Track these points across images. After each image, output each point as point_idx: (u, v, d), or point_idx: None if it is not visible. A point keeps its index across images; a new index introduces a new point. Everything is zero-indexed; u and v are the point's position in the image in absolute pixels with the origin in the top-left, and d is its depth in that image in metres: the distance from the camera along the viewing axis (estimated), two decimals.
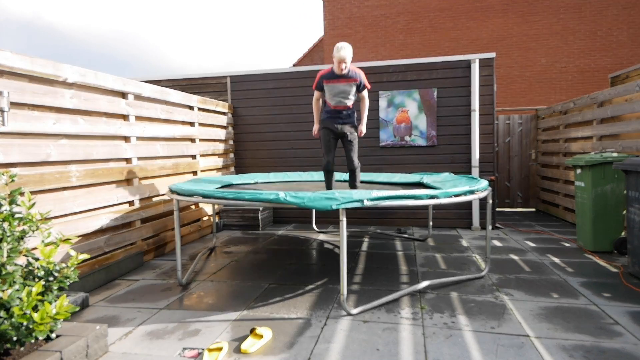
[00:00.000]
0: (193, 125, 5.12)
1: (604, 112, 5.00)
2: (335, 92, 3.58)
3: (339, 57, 3.39)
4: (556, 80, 11.09)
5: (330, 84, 3.56)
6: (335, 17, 12.64)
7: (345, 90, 3.56)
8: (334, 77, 3.54)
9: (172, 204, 4.53)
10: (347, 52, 3.41)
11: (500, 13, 11.34)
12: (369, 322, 2.60)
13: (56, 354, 1.93)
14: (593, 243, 4.23)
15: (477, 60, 5.47)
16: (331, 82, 3.56)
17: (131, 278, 3.63)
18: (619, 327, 2.49)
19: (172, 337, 2.47)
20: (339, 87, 3.55)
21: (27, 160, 2.80)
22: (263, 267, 3.89)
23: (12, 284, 1.83)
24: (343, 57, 3.39)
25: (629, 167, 3.41)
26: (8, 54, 2.67)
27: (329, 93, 3.61)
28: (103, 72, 3.55)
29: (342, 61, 3.41)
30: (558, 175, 6.21)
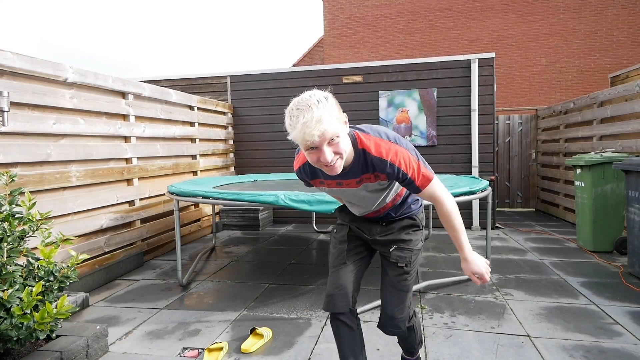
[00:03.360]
0: (193, 125, 5.12)
1: (604, 112, 4.99)
2: (347, 198, 1.68)
3: (304, 137, 1.27)
4: (556, 80, 11.09)
5: (328, 188, 1.63)
6: (335, 17, 12.64)
7: (366, 197, 1.60)
8: (327, 176, 1.53)
9: (172, 204, 4.53)
10: (319, 122, 1.25)
11: (500, 13, 11.34)
12: (369, 322, 2.60)
13: (56, 354, 1.93)
14: (593, 243, 4.23)
15: (477, 60, 5.47)
16: (329, 185, 1.60)
17: (131, 278, 3.63)
18: (619, 327, 2.49)
19: (172, 337, 2.47)
20: (349, 192, 1.60)
21: (27, 160, 2.80)
22: (263, 267, 3.89)
23: (12, 284, 1.83)
24: (312, 136, 1.26)
25: (629, 167, 3.41)
26: (9, 54, 2.67)
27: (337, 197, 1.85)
28: (103, 73, 3.55)
29: (317, 143, 1.28)
30: (558, 175, 6.21)
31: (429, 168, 1.47)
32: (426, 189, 1.46)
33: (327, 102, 1.28)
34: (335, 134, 1.28)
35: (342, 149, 1.32)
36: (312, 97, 1.27)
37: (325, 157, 1.29)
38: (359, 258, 1.75)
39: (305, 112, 1.24)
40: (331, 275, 1.70)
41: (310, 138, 1.24)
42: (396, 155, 1.40)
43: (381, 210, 1.67)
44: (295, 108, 1.27)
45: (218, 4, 66.14)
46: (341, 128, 1.31)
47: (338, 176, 1.48)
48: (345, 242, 1.75)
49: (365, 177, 1.48)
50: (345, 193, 1.62)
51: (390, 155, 1.40)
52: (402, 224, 1.70)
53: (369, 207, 1.65)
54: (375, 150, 1.41)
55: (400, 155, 1.41)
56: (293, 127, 1.26)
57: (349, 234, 1.78)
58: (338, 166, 1.35)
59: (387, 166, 1.41)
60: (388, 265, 1.70)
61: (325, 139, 1.26)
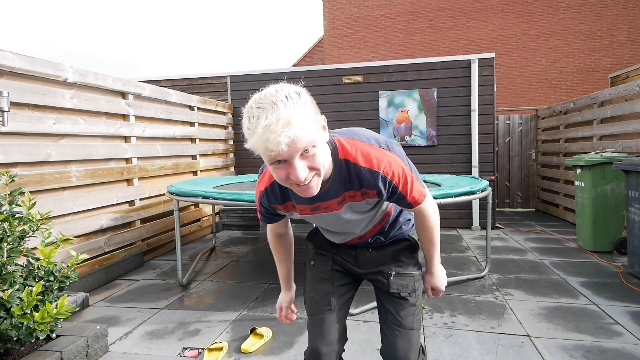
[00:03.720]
0: (193, 125, 5.12)
1: (604, 112, 4.99)
2: (326, 225, 1.35)
3: (266, 145, 0.91)
4: (556, 80, 11.09)
5: (301, 215, 1.29)
6: (335, 17, 12.64)
7: (351, 221, 1.28)
8: (302, 200, 1.20)
9: (172, 204, 4.53)
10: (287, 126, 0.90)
11: (500, 13, 11.34)
12: (369, 322, 2.60)
13: (56, 354, 1.93)
14: (593, 243, 4.23)
15: (477, 60, 5.47)
16: (301, 212, 1.26)
17: (131, 278, 3.63)
18: (619, 327, 2.49)
19: (172, 337, 2.47)
20: (329, 218, 1.27)
21: (27, 160, 2.80)
22: (263, 267, 3.89)
23: (13, 284, 1.83)
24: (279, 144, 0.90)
25: (629, 167, 3.41)
26: (8, 54, 2.67)
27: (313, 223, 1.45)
28: (103, 73, 3.55)
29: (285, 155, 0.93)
30: (558, 175, 6.21)
31: (421, 180, 1.24)
32: (419, 206, 1.21)
33: (299, 99, 0.93)
34: (310, 142, 0.93)
35: (319, 163, 0.98)
36: (279, 92, 0.93)
37: (297, 175, 0.95)
38: (346, 300, 1.43)
39: (269, 111, 0.89)
40: (313, 324, 1.36)
41: (275, 147, 0.89)
42: (390, 166, 1.11)
43: (367, 234, 1.36)
44: (255, 106, 0.92)
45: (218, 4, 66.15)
46: (318, 134, 0.97)
47: (313, 198, 1.15)
48: (329, 281, 1.40)
49: (349, 196, 1.17)
50: (325, 219, 1.27)
51: (383, 166, 1.10)
52: (395, 248, 1.41)
53: (353, 232, 1.34)
54: (364, 159, 1.10)
55: (394, 166, 1.12)
56: (252, 131, 0.91)
57: (334, 269, 1.43)
58: (314, 185, 1.01)
59: (379, 180, 1.10)
60: (387, 299, 1.37)
61: (296, 149, 0.92)
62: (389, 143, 1.19)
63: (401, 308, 1.34)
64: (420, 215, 1.28)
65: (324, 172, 1.03)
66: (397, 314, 1.34)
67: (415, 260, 1.43)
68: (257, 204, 1.28)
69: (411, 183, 1.16)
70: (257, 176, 1.28)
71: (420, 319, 1.38)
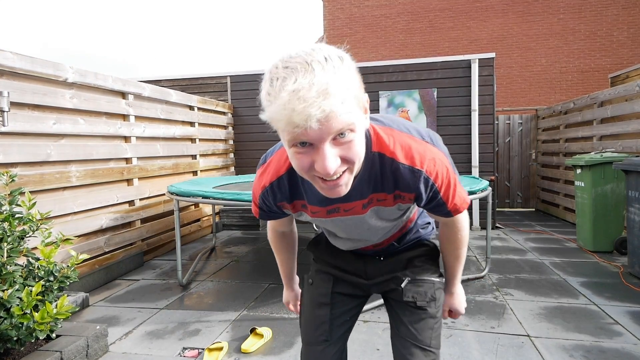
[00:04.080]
0: (193, 125, 5.12)
1: (604, 112, 4.99)
2: (342, 232, 1.09)
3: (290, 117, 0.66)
4: (556, 80, 11.09)
5: (313, 217, 1.01)
6: (335, 17, 12.64)
7: (373, 228, 1.04)
8: (317, 200, 0.94)
9: (172, 204, 4.53)
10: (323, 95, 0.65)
11: (500, 13, 11.34)
12: (369, 322, 2.60)
13: (56, 354, 1.93)
14: (593, 243, 4.23)
15: (477, 60, 5.47)
16: (314, 214, 0.99)
17: (131, 278, 3.63)
18: (619, 327, 2.49)
19: (172, 337, 2.47)
20: (348, 223, 1.02)
21: (27, 160, 2.80)
22: (263, 267, 3.89)
23: (12, 284, 1.83)
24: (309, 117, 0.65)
25: (629, 167, 3.41)
26: (8, 54, 2.67)
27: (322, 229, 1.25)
28: (103, 73, 3.55)
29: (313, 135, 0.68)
30: (558, 175, 6.21)
31: (462, 184, 1.01)
32: (458, 216, 1.01)
33: (341, 65, 0.70)
34: (349, 124, 0.70)
35: (355, 154, 0.75)
36: (317, 51, 0.69)
37: (326, 165, 0.71)
38: (347, 328, 1.20)
39: (300, 73, 0.66)
40: (308, 356, 1.18)
41: (303, 121, 0.65)
42: (434, 165, 0.88)
43: (384, 242, 1.14)
44: (282, 66, 0.69)
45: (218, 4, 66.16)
46: (360, 116, 0.74)
47: (333, 199, 0.90)
48: (327, 307, 1.17)
49: (377, 199, 0.93)
50: (341, 225, 1.02)
51: (427, 164, 0.87)
52: (410, 254, 1.17)
53: (369, 240, 1.11)
54: (405, 154, 0.87)
55: (439, 165, 0.89)
56: (274, 97, 0.68)
57: (336, 291, 1.19)
58: (344, 184, 0.78)
59: (421, 181, 0.88)
60: (401, 309, 1.13)
61: (330, 128, 0.68)
62: (433, 136, 0.93)
63: (417, 319, 1.09)
64: (452, 227, 1.06)
65: (358, 167, 0.79)
66: (412, 325, 1.08)
67: (435, 266, 1.20)
68: (254, 200, 1.02)
69: (454, 187, 0.94)
70: (257, 167, 1.00)
71: (439, 336, 1.11)
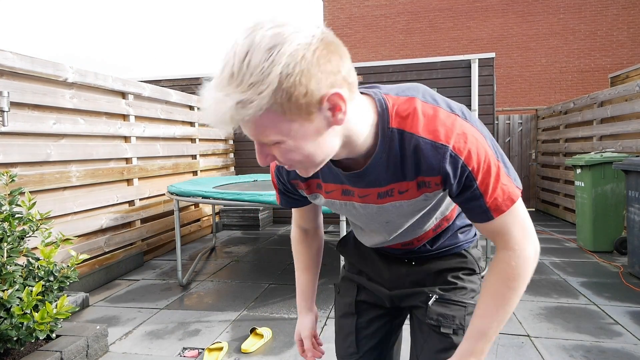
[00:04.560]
0: (193, 125, 5.12)
1: (604, 112, 4.99)
2: (359, 221, 0.96)
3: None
4: (556, 80, 11.09)
5: (327, 199, 0.89)
6: (335, 17, 12.64)
7: (392, 222, 0.89)
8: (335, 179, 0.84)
9: (172, 204, 4.53)
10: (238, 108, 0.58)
11: (500, 13, 11.34)
12: None
13: (56, 354, 1.93)
14: (593, 243, 4.22)
15: (477, 60, 5.47)
16: (329, 194, 0.87)
17: (131, 278, 3.63)
18: (619, 327, 2.49)
19: (172, 337, 2.47)
20: (362, 213, 0.88)
21: (27, 160, 2.80)
22: (263, 267, 3.89)
23: (12, 284, 1.83)
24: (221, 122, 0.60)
25: (629, 167, 3.41)
26: (8, 54, 2.67)
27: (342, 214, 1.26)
28: (103, 73, 3.55)
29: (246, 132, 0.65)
30: (558, 175, 6.21)
31: (514, 177, 0.76)
32: (501, 217, 0.75)
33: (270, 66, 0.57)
34: (271, 140, 0.64)
35: (288, 160, 0.68)
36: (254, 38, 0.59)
37: (258, 159, 0.70)
38: (380, 339, 1.07)
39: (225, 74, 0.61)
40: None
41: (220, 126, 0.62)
42: (464, 141, 0.71)
43: (415, 243, 0.97)
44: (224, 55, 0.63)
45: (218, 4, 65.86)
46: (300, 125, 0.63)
47: (344, 178, 0.81)
48: (353, 316, 1.08)
49: (399, 190, 0.79)
50: (357, 213, 0.89)
51: (454, 138, 0.71)
52: (442, 264, 0.99)
53: (393, 236, 0.95)
54: (426, 126, 0.72)
55: (472, 141, 0.71)
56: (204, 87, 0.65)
57: (359, 299, 1.08)
58: (303, 169, 0.73)
59: (447, 159, 0.71)
60: (423, 332, 0.98)
61: (250, 133, 0.65)
62: (467, 112, 0.77)
63: (440, 347, 0.92)
64: (501, 243, 0.79)
65: (314, 165, 0.70)
66: (433, 352, 0.93)
67: (472, 284, 0.99)
68: (273, 180, 0.94)
69: (496, 176, 0.72)
70: None
71: None
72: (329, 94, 0.61)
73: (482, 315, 0.81)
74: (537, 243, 0.80)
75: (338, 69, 0.62)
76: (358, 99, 0.70)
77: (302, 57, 0.58)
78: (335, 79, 0.62)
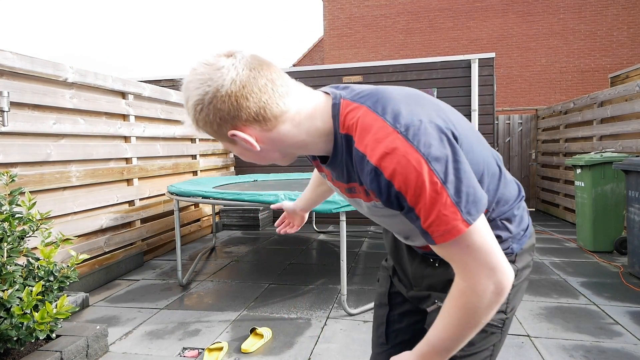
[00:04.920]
0: None
1: (604, 112, 4.99)
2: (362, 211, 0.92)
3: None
4: (556, 80, 11.09)
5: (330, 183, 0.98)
6: (335, 17, 12.64)
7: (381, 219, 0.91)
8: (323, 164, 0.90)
9: (172, 204, 4.53)
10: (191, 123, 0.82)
11: (500, 13, 11.34)
12: (369, 322, 2.60)
13: (56, 354, 1.93)
14: (593, 243, 4.22)
15: (477, 60, 5.47)
16: (326, 177, 0.98)
17: (131, 278, 3.63)
18: (619, 327, 2.49)
19: (172, 337, 2.47)
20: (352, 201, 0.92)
21: (27, 160, 2.80)
22: (263, 267, 3.89)
23: (12, 284, 1.83)
24: None
25: (629, 167, 3.41)
26: (8, 54, 2.67)
27: None
28: (103, 73, 3.55)
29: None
30: (558, 175, 6.21)
31: (465, 206, 0.69)
32: (444, 246, 0.72)
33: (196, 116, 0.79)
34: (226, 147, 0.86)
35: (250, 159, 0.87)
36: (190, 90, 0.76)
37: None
38: (411, 336, 1.04)
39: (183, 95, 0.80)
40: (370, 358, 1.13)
41: None
42: (390, 157, 0.69)
43: (428, 247, 0.94)
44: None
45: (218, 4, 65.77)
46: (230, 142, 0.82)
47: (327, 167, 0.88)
48: (386, 307, 1.08)
49: (357, 190, 0.83)
50: (350, 201, 0.93)
51: (379, 154, 0.70)
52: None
53: (396, 234, 0.97)
54: (359, 137, 0.74)
55: (400, 160, 0.68)
56: None
57: (393, 291, 1.08)
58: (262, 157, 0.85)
59: (369, 173, 0.72)
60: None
61: None
62: (412, 123, 0.71)
63: None
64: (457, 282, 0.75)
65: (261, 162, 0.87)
66: None
67: None
68: None
69: (432, 201, 0.68)
70: None
71: None
72: (231, 133, 0.77)
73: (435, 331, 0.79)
74: (501, 277, 0.71)
75: (237, 113, 0.74)
76: (307, 110, 0.79)
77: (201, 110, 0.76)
78: (236, 123, 0.75)
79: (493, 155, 0.89)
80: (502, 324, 0.94)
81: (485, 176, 0.83)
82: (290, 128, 0.78)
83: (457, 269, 0.74)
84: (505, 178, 0.90)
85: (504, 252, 0.82)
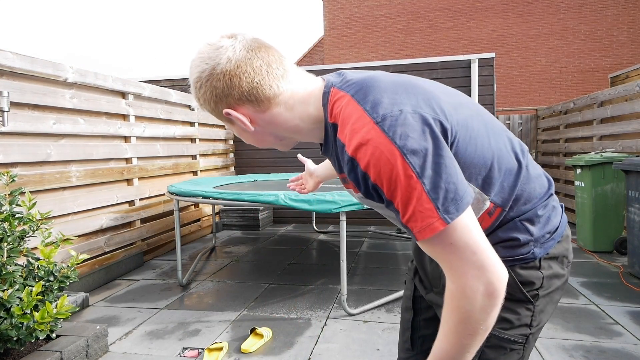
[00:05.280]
0: (193, 125, 5.12)
1: (604, 112, 4.99)
2: None
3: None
4: (556, 80, 11.10)
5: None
6: (335, 17, 12.64)
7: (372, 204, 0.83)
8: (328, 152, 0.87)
9: (172, 204, 4.54)
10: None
11: (500, 13, 11.34)
12: (369, 322, 2.60)
13: (56, 354, 1.93)
14: (593, 243, 4.22)
15: (477, 60, 5.47)
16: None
17: (131, 278, 3.63)
18: (619, 327, 2.49)
19: (172, 337, 2.47)
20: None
21: (27, 160, 2.80)
22: (263, 267, 3.89)
23: (12, 284, 1.83)
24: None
25: (629, 167, 3.41)
26: (9, 54, 2.67)
27: None
28: (103, 73, 3.55)
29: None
30: (558, 175, 6.21)
31: (443, 203, 0.65)
32: (425, 243, 0.68)
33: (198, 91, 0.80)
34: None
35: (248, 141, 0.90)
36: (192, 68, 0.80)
37: None
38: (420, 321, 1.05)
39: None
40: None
41: None
42: (366, 150, 0.68)
43: None
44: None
45: (218, 4, 65.71)
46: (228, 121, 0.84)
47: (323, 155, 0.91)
48: (410, 312, 1.05)
49: (347, 180, 0.82)
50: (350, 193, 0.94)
51: (356, 144, 0.70)
52: None
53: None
54: (341, 128, 0.75)
55: (373, 152, 0.67)
56: None
57: (418, 295, 1.04)
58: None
59: (348, 164, 0.73)
60: None
61: None
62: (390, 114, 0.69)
63: None
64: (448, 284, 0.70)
65: (261, 146, 0.90)
66: None
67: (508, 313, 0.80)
68: None
69: (407, 195, 0.66)
70: None
71: None
72: (225, 111, 0.80)
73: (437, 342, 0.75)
74: (491, 278, 0.65)
75: (230, 91, 0.77)
76: (301, 95, 0.81)
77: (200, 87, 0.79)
78: (229, 102, 0.79)
79: (513, 148, 0.81)
80: (524, 339, 0.82)
81: (494, 171, 0.76)
82: (282, 111, 0.81)
83: (444, 269, 0.70)
84: (529, 173, 0.82)
85: (522, 257, 0.79)
